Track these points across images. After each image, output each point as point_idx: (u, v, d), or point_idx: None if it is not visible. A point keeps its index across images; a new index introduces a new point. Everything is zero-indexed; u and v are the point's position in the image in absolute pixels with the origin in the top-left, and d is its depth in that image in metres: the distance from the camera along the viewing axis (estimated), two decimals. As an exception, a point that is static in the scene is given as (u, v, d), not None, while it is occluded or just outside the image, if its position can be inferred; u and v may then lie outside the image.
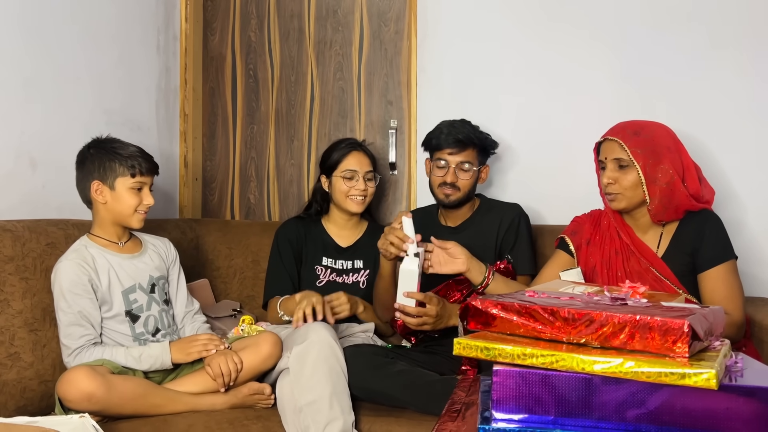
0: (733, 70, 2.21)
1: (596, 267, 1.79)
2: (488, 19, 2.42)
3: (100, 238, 1.78)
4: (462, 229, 2.06)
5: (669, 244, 1.74)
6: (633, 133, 1.72)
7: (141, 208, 1.78)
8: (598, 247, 1.81)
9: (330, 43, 2.64)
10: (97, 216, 1.79)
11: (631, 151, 1.68)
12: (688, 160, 1.74)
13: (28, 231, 1.70)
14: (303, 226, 2.18)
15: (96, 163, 1.75)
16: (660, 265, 1.72)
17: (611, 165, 1.73)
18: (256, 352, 1.73)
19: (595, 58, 2.34)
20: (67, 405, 1.52)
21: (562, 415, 0.95)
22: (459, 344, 1.03)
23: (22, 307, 1.63)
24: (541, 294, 1.16)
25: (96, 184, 1.74)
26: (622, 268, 1.76)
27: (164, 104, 2.57)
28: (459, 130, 2.00)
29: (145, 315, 1.77)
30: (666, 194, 1.69)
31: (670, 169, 1.68)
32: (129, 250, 1.82)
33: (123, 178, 1.75)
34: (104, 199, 1.75)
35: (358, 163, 2.09)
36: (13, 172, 1.83)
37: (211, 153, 2.76)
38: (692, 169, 1.74)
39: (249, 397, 1.72)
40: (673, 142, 1.74)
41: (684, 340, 0.90)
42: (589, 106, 2.34)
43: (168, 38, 2.59)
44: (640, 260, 1.74)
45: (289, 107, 2.68)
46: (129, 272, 1.78)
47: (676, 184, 1.69)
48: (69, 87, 2.05)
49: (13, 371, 1.58)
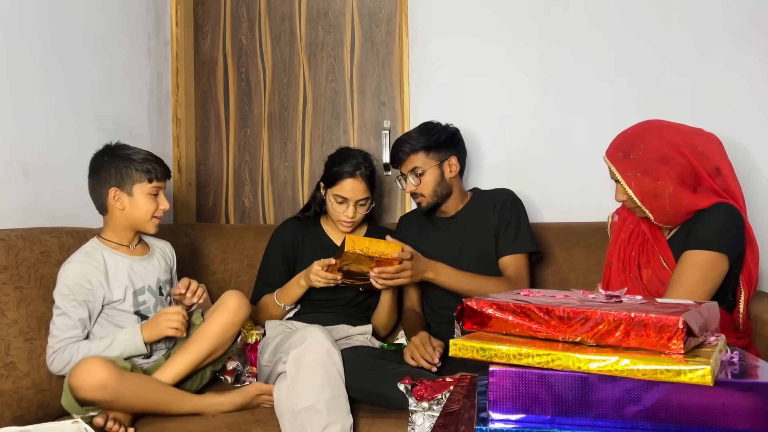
0: (730, 64, 2.22)
1: (621, 243, 1.82)
2: (478, 17, 2.42)
3: (111, 242, 1.80)
4: (456, 219, 2.10)
5: (676, 232, 1.73)
6: (623, 156, 1.68)
7: (158, 213, 1.80)
8: (627, 225, 1.84)
9: (321, 45, 2.63)
10: (111, 221, 1.80)
11: (622, 175, 1.68)
12: (691, 155, 1.65)
13: (21, 240, 1.69)
14: (301, 227, 2.18)
15: (112, 170, 1.76)
16: (666, 252, 1.71)
17: (617, 185, 1.72)
18: (225, 308, 1.77)
19: (587, 54, 2.35)
20: (80, 395, 1.53)
21: (559, 415, 0.95)
22: (455, 345, 1.03)
23: (17, 317, 1.63)
24: (536, 293, 1.16)
25: (114, 191, 1.76)
26: (638, 249, 1.78)
27: (157, 109, 2.56)
28: (396, 147, 2.05)
29: (152, 315, 1.78)
30: (671, 204, 1.65)
31: (670, 181, 1.63)
32: (139, 253, 1.85)
33: (140, 184, 1.77)
34: (122, 206, 1.77)
35: (351, 191, 2.03)
36: (6, 180, 1.82)
37: (204, 157, 2.75)
38: (704, 157, 1.66)
39: (257, 397, 1.75)
40: (670, 147, 1.65)
41: (679, 337, 0.91)
42: (582, 104, 2.35)
43: (159, 43, 2.59)
44: (654, 246, 1.75)
45: (281, 110, 2.68)
46: (139, 274, 1.81)
47: (680, 192, 1.64)
48: (61, 94, 2.04)
49: (9, 381, 1.58)
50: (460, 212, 2.10)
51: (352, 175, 2.03)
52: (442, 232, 2.10)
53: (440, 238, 2.09)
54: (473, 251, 2.04)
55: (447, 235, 2.09)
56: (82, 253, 1.75)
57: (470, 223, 2.07)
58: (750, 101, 2.22)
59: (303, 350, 1.65)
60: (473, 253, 2.04)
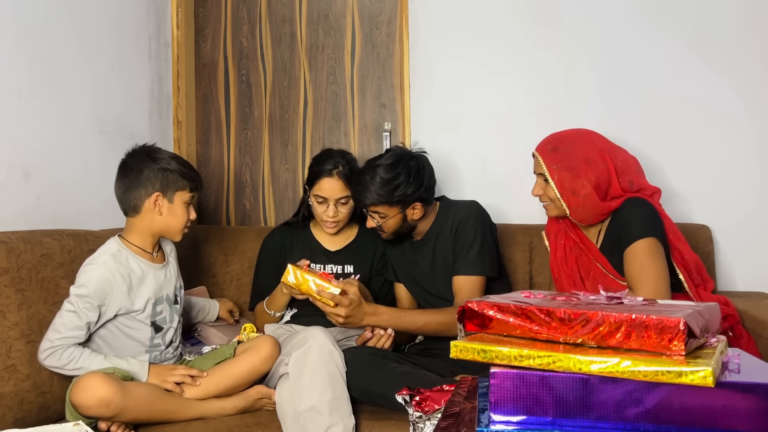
0: (714, 71, 2.24)
1: (559, 260, 1.89)
2: (478, 20, 2.43)
3: (135, 246, 1.75)
4: (425, 241, 2.04)
5: (603, 237, 1.82)
6: (552, 149, 1.80)
7: (188, 223, 1.78)
8: (561, 242, 1.91)
9: (322, 47, 2.64)
10: (139, 225, 1.75)
11: (547, 167, 1.78)
12: (614, 164, 1.76)
13: (22, 242, 1.69)
14: (290, 233, 2.17)
15: (160, 174, 1.71)
16: (602, 260, 1.79)
17: (538, 178, 1.83)
18: (257, 354, 1.76)
19: (586, 58, 2.35)
20: (82, 412, 1.52)
21: (560, 416, 0.95)
22: (456, 347, 1.03)
23: (18, 319, 1.63)
24: (537, 295, 1.16)
25: (156, 196, 1.72)
26: (575, 263, 1.85)
27: (157, 112, 2.57)
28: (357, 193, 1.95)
29: (167, 327, 1.78)
30: (586, 204, 1.75)
31: (588, 182, 1.74)
32: (159, 260, 1.81)
33: (182, 192, 1.74)
34: (160, 212, 1.72)
35: (329, 190, 2.01)
36: (7, 183, 1.82)
37: (205, 160, 2.75)
38: (621, 171, 1.77)
39: (258, 401, 1.75)
40: (596, 151, 1.77)
41: (680, 338, 0.90)
42: (581, 105, 2.35)
43: (160, 46, 2.59)
44: (588, 255, 1.82)
45: (282, 112, 2.68)
46: (161, 284, 1.77)
47: (593, 196, 1.74)
48: (61, 97, 2.04)
49: (11, 383, 1.58)
50: (427, 233, 2.04)
51: (329, 174, 2.00)
52: (415, 253, 2.07)
53: (414, 259, 2.06)
54: (442, 271, 2.00)
55: (419, 256, 2.05)
56: (109, 255, 1.69)
57: (437, 243, 2.01)
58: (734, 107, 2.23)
59: (305, 351, 1.66)
60: (443, 273, 2.00)
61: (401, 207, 1.93)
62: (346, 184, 2.01)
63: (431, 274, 2.02)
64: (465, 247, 1.93)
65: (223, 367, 1.75)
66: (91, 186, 2.13)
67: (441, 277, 2.00)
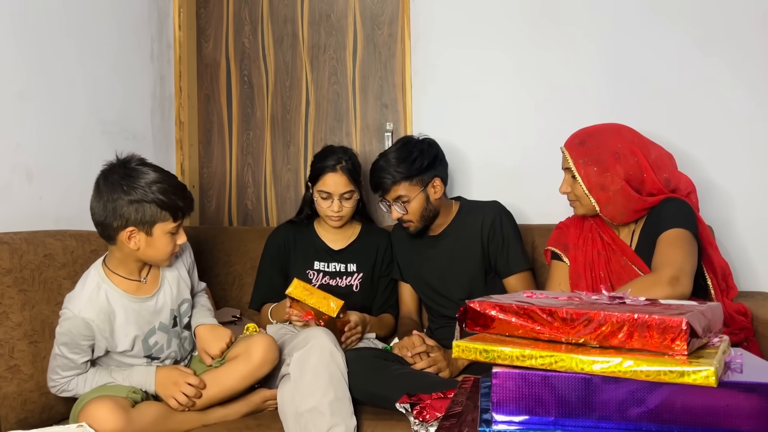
0: (721, 67, 2.22)
1: (580, 269, 1.80)
2: (480, 20, 2.43)
3: (119, 275, 1.63)
4: (443, 236, 2.06)
5: (639, 238, 1.75)
6: (579, 143, 1.73)
7: (175, 250, 1.64)
8: (581, 250, 1.82)
9: (324, 47, 2.64)
10: (119, 253, 1.61)
11: (574, 162, 1.71)
12: (646, 159, 1.70)
13: (25, 243, 1.69)
14: (293, 231, 2.19)
15: (133, 207, 1.52)
16: (638, 262, 1.72)
17: (566, 174, 1.76)
18: (247, 361, 1.67)
19: (587, 58, 2.34)
20: None
21: (562, 416, 0.94)
22: (458, 347, 1.02)
23: (21, 320, 1.63)
24: (539, 295, 1.16)
25: (131, 231, 1.54)
26: (604, 268, 1.77)
27: (159, 112, 2.57)
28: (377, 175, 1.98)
29: (165, 354, 1.73)
30: (617, 199, 1.68)
31: (618, 177, 1.67)
32: (149, 288, 1.68)
33: (163, 224, 1.56)
34: (136, 246, 1.56)
35: (333, 185, 2.04)
36: (10, 184, 1.83)
37: (207, 160, 2.76)
38: (656, 166, 1.71)
39: (261, 405, 1.75)
40: (627, 145, 1.70)
41: (682, 338, 0.90)
42: (581, 108, 2.34)
43: (162, 46, 2.59)
44: (621, 258, 1.74)
45: (284, 112, 2.68)
46: (147, 318, 1.66)
47: (626, 189, 1.67)
48: (64, 98, 2.05)
49: (14, 384, 1.58)
50: (446, 229, 2.06)
51: (332, 169, 2.04)
52: (429, 249, 2.07)
53: (428, 255, 2.07)
54: (459, 267, 2.02)
55: (434, 253, 2.06)
56: (87, 297, 1.57)
57: (457, 242, 2.03)
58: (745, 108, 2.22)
59: (306, 352, 1.66)
60: (459, 270, 2.02)
61: (422, 184, 1.96)
62: (349, 179, 2.05)
63: (445, 270, 2.03)
64: (506, 246, 1.99)
65: (214, 376, 1.68)
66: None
67: (456, 273, 2.01)
